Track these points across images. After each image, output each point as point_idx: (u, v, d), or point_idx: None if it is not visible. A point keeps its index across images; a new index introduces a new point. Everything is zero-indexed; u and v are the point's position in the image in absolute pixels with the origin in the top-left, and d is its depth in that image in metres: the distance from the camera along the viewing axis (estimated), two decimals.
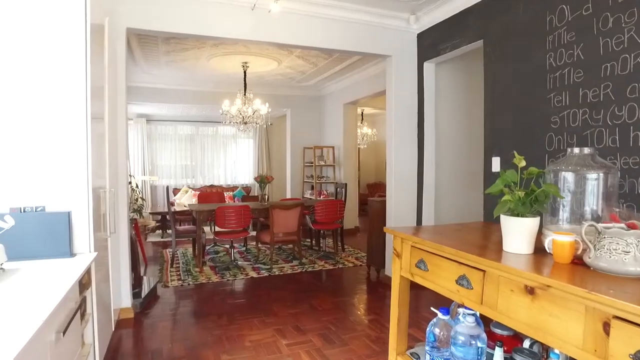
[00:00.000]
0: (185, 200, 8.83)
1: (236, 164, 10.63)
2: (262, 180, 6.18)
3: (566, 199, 1.63)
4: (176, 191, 9.53)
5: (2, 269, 1.60)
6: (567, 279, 1.25)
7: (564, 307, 1.22)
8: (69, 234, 1.92)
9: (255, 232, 5.83)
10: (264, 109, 6.30)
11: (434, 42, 4.26)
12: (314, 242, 6.62)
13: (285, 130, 9.31)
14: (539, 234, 1.62)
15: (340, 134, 8.11)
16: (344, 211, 5.92)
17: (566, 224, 1.63)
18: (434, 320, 1.99)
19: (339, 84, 7.80)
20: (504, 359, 1.73)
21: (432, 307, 2.02)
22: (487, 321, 2.00)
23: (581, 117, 2.75)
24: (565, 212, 1.65)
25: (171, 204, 8.59)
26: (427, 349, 1.95)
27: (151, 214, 7.97)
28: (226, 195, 9.01)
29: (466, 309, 2.01)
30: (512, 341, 1.84)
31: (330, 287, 4.48)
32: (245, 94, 6.33)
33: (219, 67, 6.41)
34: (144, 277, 4.39)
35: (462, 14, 3.85)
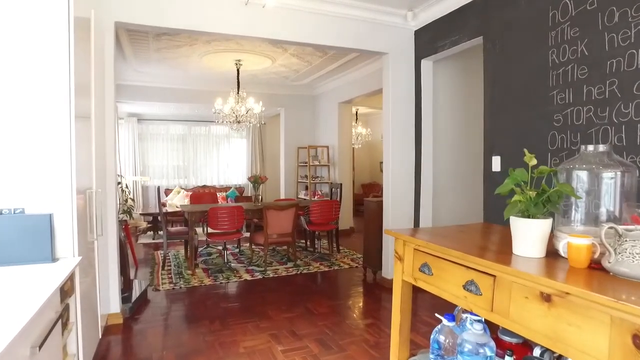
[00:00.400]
0: (177, 200, 8.68)
1: (229, 164, 10.49)
2: (256, 180, 6.06)
3: (580, 199, 1.54)
4: (168, 192, 9.37)
5: None
6: (588, 286, 1.16)
7: (586, 316, 1.13)
8: (50, 237, 1.80)
9: (248, 234, 5.72)
10: (258, 107, 6.18)
11: (431, 39, 4.18)
12: (309, 243, 6.52)
13: (278, 129, 9.20)
14: (551, 236, 1.53)
15: (334, 134, 8.02)
16: (339, 212, 5.82)
17: (580, 226, 1.54)
18: (439, 327, 1.90)
19: (334, 82, 7.71)
20: None
21: (436, 314, 1.93)
22: (494, 327, 1.92)
23: (585, 115, 2.67)
24: (578, 213, 1.57)
25: (163, 205, 8.44)
26: (432, 357, 1.85)
27: (142, 215, 7.81)
28: (219, 195, 8.87)
29: (472, 314, 1.92)
30: (522, 349, 1.75)
31: (326, 290, 4.38)
32: (238, 93, 6.20)
33: (211, 65, 6.28)
34: (134, 281, 4.25)
35: (461, 10, 3.76)
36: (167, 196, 9.23)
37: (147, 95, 7.32)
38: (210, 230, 5.10)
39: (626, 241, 1.23)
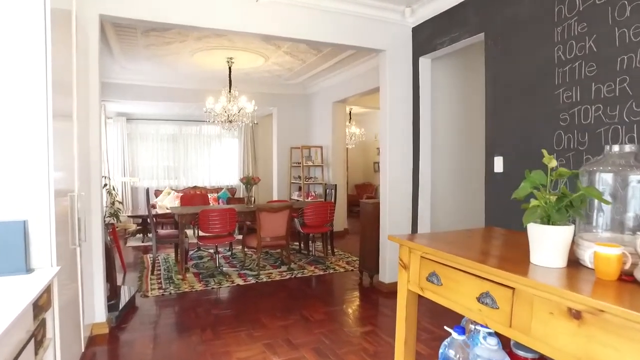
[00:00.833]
0: (167, 202, 8.48)
1: (221, 165, 10.30)
2: (248, 181, 5.90)
3: (610, 204, 1.42)
4: (158, 193, 9.16)
5: None
6: (624, 302, 1.04)
7: (624, 337, 1.01)
8: (24, 246, 1.64)
9: (241, 236, 5.55)
10: (250, 106, 6.02)
11: (430, 36, 4.06)
12: (303, 246, 6.37)
13: (271, 129, 9.05)
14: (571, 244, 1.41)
15: (328, 134, 7.88)
16: (334, 214, 5.68)
17: (605, 232, 1.42)
18: (448, 340, 1.77)
19: (328, 81, 7.57)
20: None
21: (445, 326, 1.80)
22: (504, 339, 1.79)
23: (594, 114, 2.57)
24: (602, 219, 1.45)
25: (152, 207, 8.25)
26: None
27: (131, 217, 7.61)
28: (210, 197, 8.68)
29: (482, 326, 1.80)
30: None
31: (321, 295, 4.24)
32: (230, 92, 6.04)
33: (202, 62, 6.11)
34: (121, 287, 4.08)
35: (461, 5, 3.65)
36: (157, 197, 9.02)
37: (136, 94, 7.11)
38: (201, 233, 4.94)
39: None
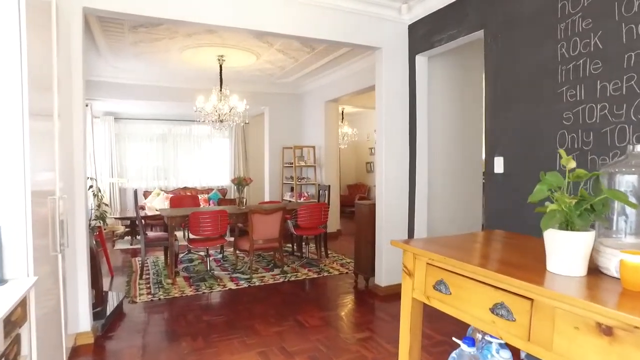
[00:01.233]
0: (156, 203, 8.29)
1: (211, 165, 10.13)
2: (240, 182, 5.75)
3: (628, 208, 1.33)
4: (147, 194, 8.96)
5: None
6: None
7: None
8: None
9: (232, 239, 5.41)
10: (242, 106, 5.88)
11: (427, 33, 3.97)
12: (296, 248, 6.25)
13: (262, 129, 8.91)
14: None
15: (321, 133, 7.77)
16: (328, 215, 5.57)
17: (628, 238, 1.33)
18: (456, 352, 1.67)
19: (320, 80, 7.46)
20: None
21: (454, 337, 1.70)
22: (512, 349, 1.70)
23: (599, 113, 2.49)
24: (623, 223, 1.36)
25: (141, 208, 8.05)
26: None
27: (119, 219, 7.42)
28: (201, 198, 8.51)
29: (492, 337, 1.70)
30: None
31: (316, 299, 4.12)
32: (221, 90, 5.89)
33: (192, 60, 5.96)
34: (108, 293, 3.92)
35: (460, 2, 3.56)
36: (146, 199, 8.83)
37: (124, 92, 6.92)
38: (191, 236, 4.79)
39: None
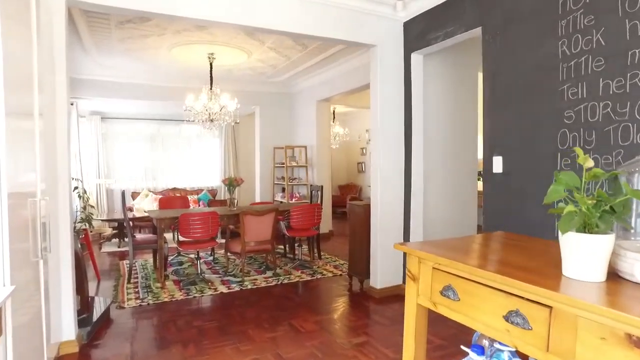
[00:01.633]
0: (145, 205, 8.11)
1: (201, 166, 9.96)
2: (231, 182, 5.63)
3: None
4: (135, 195, 8.78)
5: None
6: None
7: None
8: None
9: (224, 240, 5.29)
10: (232, 105, 5.76)
11: (423, 31, 3.90)
12: (288, 249, 6.15)
13: (253, 129, 8.79)
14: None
15: (313, 133, 7.68)
16: (321, 216, 5.47)
17: None
18: None
19: (312, 80, 7.37)
20: None
21: (462, 346, 1.62)
22: (520, 354, 1.63)
23: (602, 111, 2.44)
24: None
25: (129, 210, 7.87)
26: None
27: (106, 221, 7.22)
28: (190, 199, 8.35)
29: (501, 344, 1.62)
30: None
31: (310, 303, 4.02)
32: (211, 89, 5.76)
33: (182, 58, 5.82)
34: (95, 298, 3.78)
35: None
36: (134, 200, 8.64)
37: (111, 91, 6.74)
38: (181, 238, 4.65)
39: None
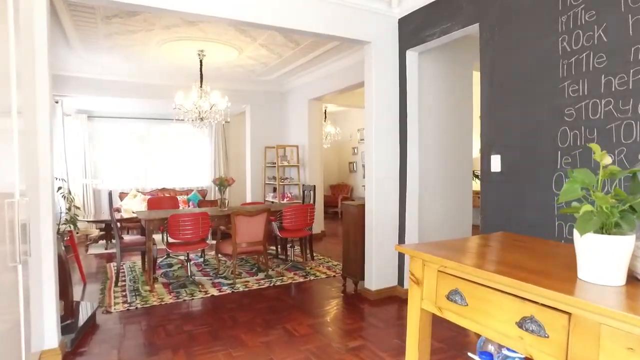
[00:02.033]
0: (133, 205, 7.94)
1: (191, 165, 9.79)
2: (222, 182, 5.50)
3: None
4: (123, 195, 8.59)
5: None
6: None
7: None
8: None
9: (214, 241, 5.16)
10: (223, 103, 5.64)
11: (418, 27, 3.83)
12: (280, 250, 6.05)
13: (244, 128, 8.67)
14: None
15: (304, 133, 7.58)
16: (314, 217, 5.38)
17: None
18: None
19: (304, 78, 7.27)
20: None
21: (469, 353, 1.54)
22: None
23: (604, 109, 2.39)
24: None
25: (117, 210, 7.69)
26: None
27: (93, 222, 7.04)
28: (180, 199, 8.20)
29: (509, 350, 1.55)
30: None
31: (304, 305, 3.93)
32: (201, 87, 5.64)
33: (171, 55, 5.68)
34: (80, 303, 3.63)
35: None
36: (122, 200, 8.45)
37: (98, 88, 6.56)
38: (170, 239, 4.53)
39: None
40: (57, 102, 6.51)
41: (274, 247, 6.09)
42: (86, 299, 4.10)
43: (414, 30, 3.88)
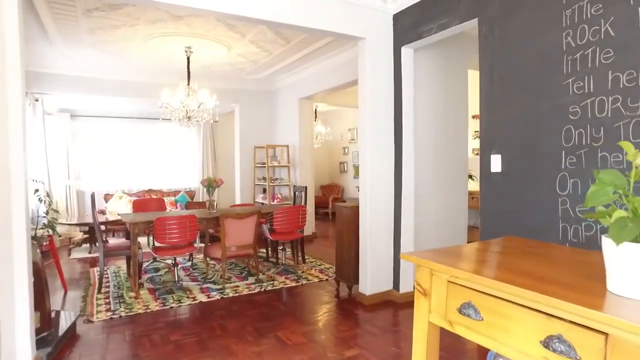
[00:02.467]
0: (119, 207, 7.70)
1: (178, 166, 9.56)
2: (210, 184, 5.32)
3: None
4: (108, 197, 8.33)
5: None
6: None
7: None
8: None
9: (202, 244, 4.98)
10: (211, 101, 5.46)
11: (414, 23, 3.71)
12: (271, 253, 5.89)
13: (232, 128, 8.48)
14: None
15: (295, 132, 7.43)
16: (306, 219, 5.23)
17: None
18: None
19: (295, 77, 7.12)
20: None
21: None
22: None
23: (611, 106, 2.29)
24: None
25: (101, 212, 7.44)
26: None
27: (75, 225, 6.78)
28: (167, 201, 7.98)
29: None
30: None
31: (297, 311, 3.78)
32: (189, 84, 5.45)
33: (157, 52, 5.49)
34: (60, 312, 3.43)
35: None
36: (107, 202, 8.20)
37: (81, 86, 6.31)
38: (157, 243, 4.34)
39: None
40: (37, 100, 6.26)
41: (265, 250, 5.93)
42: (67, 308, 3.89)
43: (410, 25, 3.76)
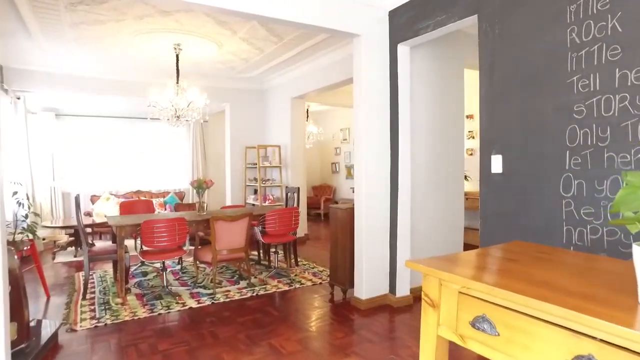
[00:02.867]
0: (106, 209, 7.49)
1: (168, 167, 9.36)
2: (200, 185, 5.17)
3: None
4: (95, 199, 8.11)
5: None
6: None
7: None
8: None
9: (192, 247, 4.83)
10: (201, 100, 5.30)
11: (411, 20, 3.61)
12: (263, 256, 5.75)
13: (223, 127, 8.32)
14: None
15: (287, 132, 7.30)
16: (299, 221, 5.11)
17: None
18: None
19: (286, 75, 6.99)
20: None
21: None
22: None
23: (618, 105, 2.21)
24: None
25: (88, 215, 7.24)
26: None
27: (60, 227, 6.57)
28: (156, 202, 7.80)
29: None
30: None
31: (291, 317, 3.65)
32: (177, 83, 5.29)
33: (144, 49, 5.32)
34: (42, 321, 3.26)
35: None
36: (93, 204, 7.98)
37: (65, 84, 6.08)
38: (144, 247, 4.18)
39: None
40: (18, 98, 6.04)
41: (256, 253, 5.79)
42: (49, 316, 3.72)
43: (406, 22, 3.66)
